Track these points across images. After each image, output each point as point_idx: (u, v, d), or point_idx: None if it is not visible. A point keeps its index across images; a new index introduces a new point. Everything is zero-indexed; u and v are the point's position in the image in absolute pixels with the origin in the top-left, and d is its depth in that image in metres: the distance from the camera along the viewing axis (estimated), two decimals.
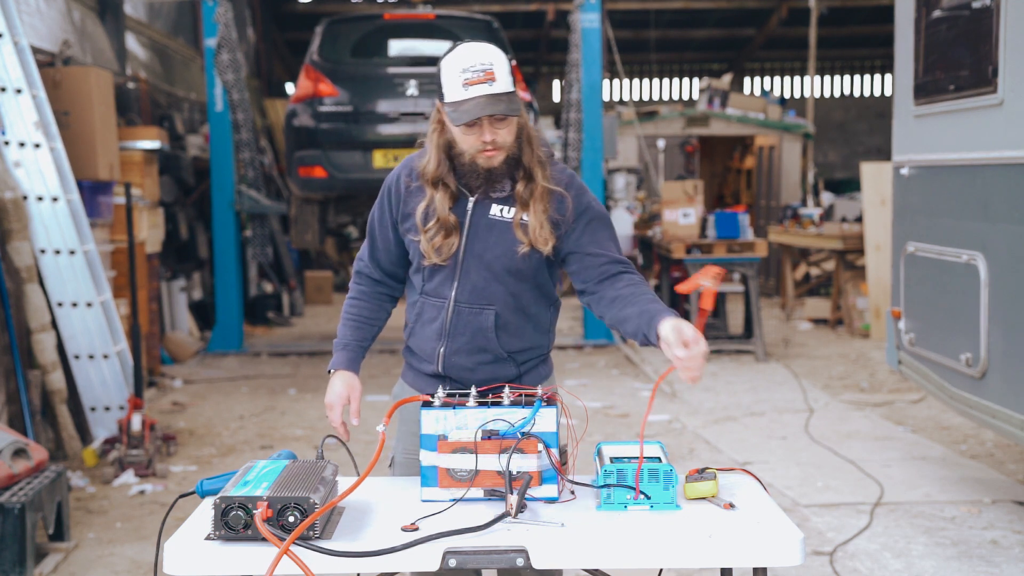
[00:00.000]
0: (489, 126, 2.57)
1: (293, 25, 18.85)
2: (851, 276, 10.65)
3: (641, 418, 7.07)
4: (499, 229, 2.66)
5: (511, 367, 2.73)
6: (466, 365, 2.71)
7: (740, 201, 16.45)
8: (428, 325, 2.73)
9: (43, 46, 8.25)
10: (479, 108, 2.52)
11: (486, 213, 2.66)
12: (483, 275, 2.67)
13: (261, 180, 10.27)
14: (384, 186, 2.79)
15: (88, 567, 4.42)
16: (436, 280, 2.70)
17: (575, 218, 2.67)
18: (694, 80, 23.26)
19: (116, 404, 6.34)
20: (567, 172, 2.74)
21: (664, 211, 9.77)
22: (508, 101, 2.54)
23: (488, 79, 2.52)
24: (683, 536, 2.21)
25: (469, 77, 2.52)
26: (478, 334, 2.69)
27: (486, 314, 2.68)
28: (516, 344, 2.72)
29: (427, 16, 9.16)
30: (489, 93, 2.52)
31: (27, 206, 6.14)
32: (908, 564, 4.31)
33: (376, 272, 2.83)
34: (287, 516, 2.13)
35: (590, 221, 2.69)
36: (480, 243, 2.66)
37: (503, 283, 2.67)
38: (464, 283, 2.67)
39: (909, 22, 5.18)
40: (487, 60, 2.54)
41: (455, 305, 2.68)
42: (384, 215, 2.78)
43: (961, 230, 4.69)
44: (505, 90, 2.54)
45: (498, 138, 2.58)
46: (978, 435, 6.41)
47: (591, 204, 2.72)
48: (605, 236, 2.70)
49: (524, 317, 2.72)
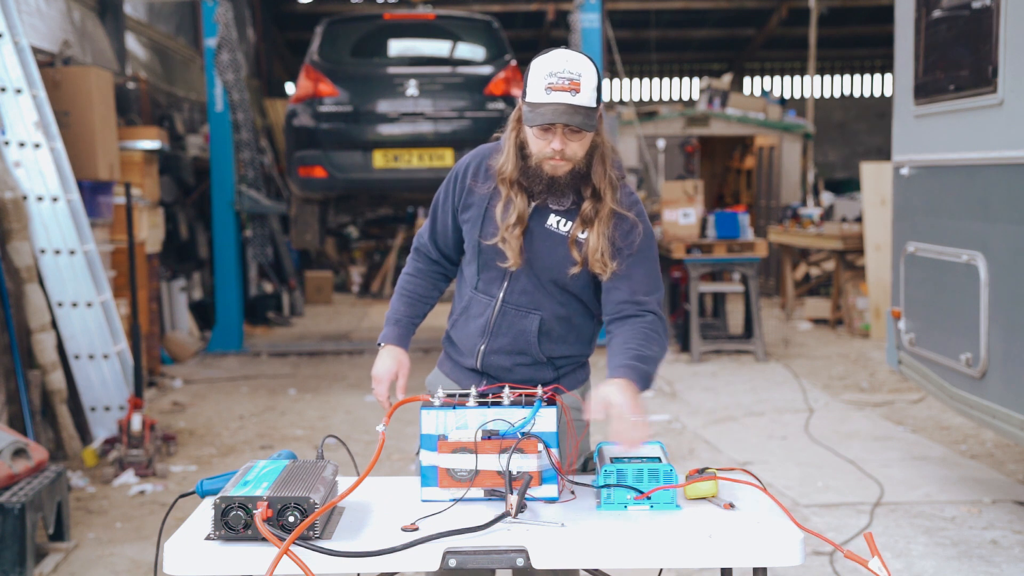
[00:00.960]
0: (562, 135, 2.55)
1: (293, 25, 18.84)
2: (851, 276, 10.66)
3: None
4: (553, 241, 2.66)
5: (549, 370, 2.75)
6: (504, 365, 2.73)
7: (740, 201, 16.45)
8: (473, 320, 2.75)
9: (43, 46, 8.25)
10: (555, 114, 2.50)
11: (543, 222, 2.66)
12: (532, 281, 2.68)
13: (261, 180, 10.28)
14: (452, 171, 2.80)
15: (88, 567, 4.42)
16: (487, 277, 2.72)
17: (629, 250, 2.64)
18: (694, 80, 23.26)
19: (116, 404, 6.34)
20: (634, 198, 2.71)
21: (664, 211, 9.77)
22: (586, 115, 2.52)
23: (572, 88, 2.50)
24: (683, 536, 2.21)
25: (554, 82, 2.51)
26: (520, 337, 2.71)
27: (531, 318, 2.70)
28: (557, 351, 2.74)
29: (427, 16, 9.16)
30: (569, 103, 2.50)
31: (27, 206, 6.14)
32: (908, 564, 4.31)
33: (434, 252, 2.87)
34: (287, 516, 2.13)
35: (637, 259, 2.67)
36: (532, 250, 2.66)
37: (549, 292, 2.69)
38: (514, 285, 2.69)
39: (909, 22, 5.18)
40: (576, 70, 2.51)
41: (502, 305, 2.71)
42: (447, 200, 2.80)
43: (961, 230, 4.69)
44: (586, 104, 2.52)
45: (568, 149, 2.57)
46: (978, 435, 6.41)
47: (646, 237, 2.69)
48: (641, 273, 2.67)
49: (568, 326, 2.74)
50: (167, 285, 9.87)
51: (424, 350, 9.02)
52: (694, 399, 7.64)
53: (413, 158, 8.39)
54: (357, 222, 10.57)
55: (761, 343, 9.19)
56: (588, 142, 2.60)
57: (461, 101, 8.36)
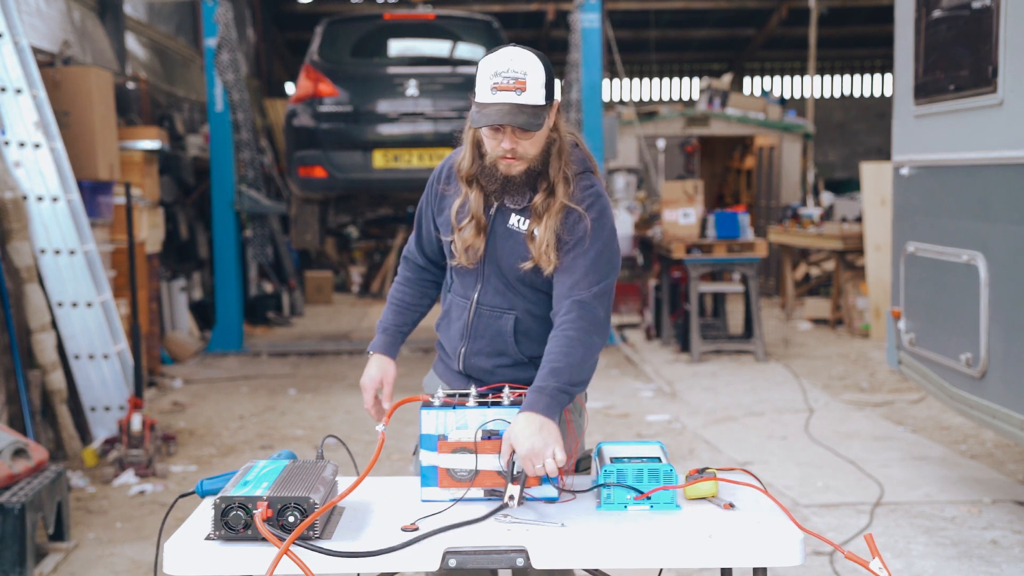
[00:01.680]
0: (512, 134, 2.52)
1: (293, 25, 18.84)
2: (851, 276, 10.65)
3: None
4: (514, 240, 2.64)
5: (531, 370, 2.70)
6: (485, 367, 2.72)
7: (740, 201, 16.45)
8: (454, 323, 2.77)
9: (43, 46, 8.25)
10: (499, 115, 2.48)
11: (505, 222, 2.65)
12: (502, 281, 2.68)
13: (261, 180, 10.27)
14: (430, 179, 2.83)
15: (88, 567, 4.42)
16: (463, 280, 2.73)
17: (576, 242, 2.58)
18: (694, 80, 23.26)
19: (116, 404, 6.34)
20: (592, 190, 2.63)
21: (664, 211, 9.77)
22: (532, 114, 2.48)
23: (517, 88, 2.47)
24: (683, 536, 2.21)
25: (499, 82, 2.48)
26: (497, 338, 2.70)
27: (506, 318, 2.68)
28: (537, 349, 2.68)
29: (427, 16, 9.16)
30: (515, 102, 2.48)
31: (27, 206, 6.14)
32: (908, 564, 4.31)
33: (421, 259, 2.90)
34: (287, 516, 2.13)
35: (581, 248, 2.58)
36: (498, 250, 2.66)
37: (519, 292, 2.68)
38: (486, 287, 2.69)
39: (909, 22, 5.18)
40: (522, 69, 2.48)
41: (477, 307, 2.71)
42: (427, 207, 2.83)
43: (961, 230, 4.69)
44: (533, 103, 2.48)
45: (519, 148, 2.54)
46: (978, 435, 6.41)
47: (595, 228, 2.59)
48: (582, 265, 2.56)
49: (544, 324, 2.69)
50: (167, 285, 9.87)
51: (424, 350, 9.02)
52: (694, 399, 7.64)
53: (413, 158, 8.39)
54: (357, 222, 10.56)
55: (761, 343, 9.19)
56: (541, 139, 2.56)
57: (461, 101, 8.36)
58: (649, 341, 10.34)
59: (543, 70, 2.51)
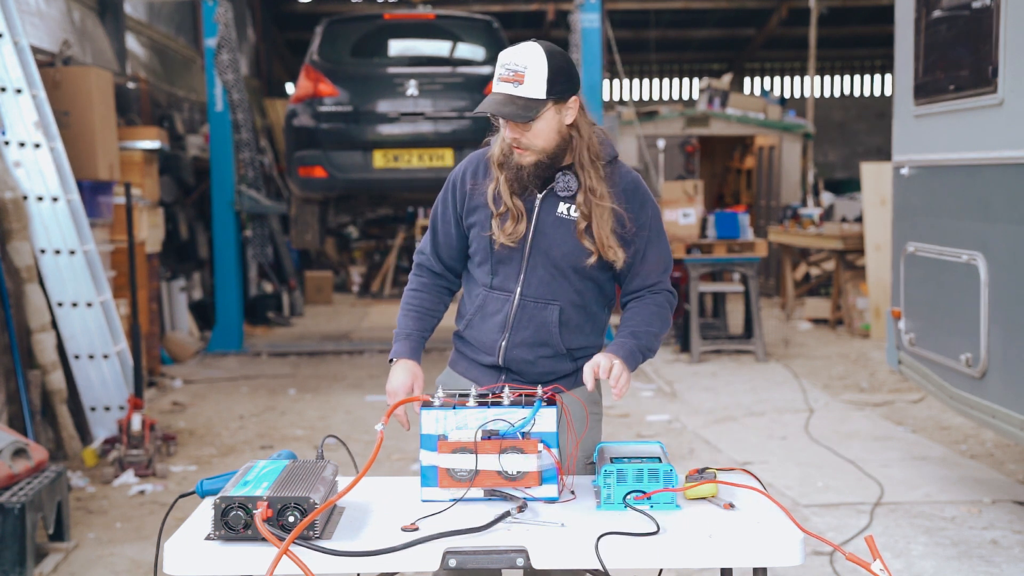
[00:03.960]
0: (514, 125, 2.60)
1: (293, 25, 18.84)
2: (851, 276, 10.65)
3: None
4: (566, 227, 2.69)
5: (568, 362, 2.77)
6: (527, 358, 2.74)
7: (740, 201, 16.44)
8: (491, 318, 2.76)
9: (43, 46, 8.25)
10: (489, 105, 2.58)
11: (553, 210, 2.69)
12: (549, 271, 2.71)
13: (261, 180, 10.28)
14: (448, 180, 2.83)
15: (88, 567, 4.42)
16: (502, 274, 2.74)
17: (635, 233, 2.71)
18: (694, 80, 23.25)
19: (116, 404, 6.34)
20: (632, 175, 2.75)
21: (664, 211, 9.77)
22: (523, 106, 2.55)
23: (515, 80, 2.56)
24: (683, 536, 2.20)
25: (503, 74, 2.59)
26: (541, 328, 2.72)
27: (551, 309, 2.72)
28: (576, 341, 2.76)
29: (427, 16, 9.16)
30: (509, 93, 2.57)
31: (27, 206, 6.14)
32: (908, 564, 4.31)
33: (437, 265, 2.87)
34: (287, 516, 2.13)
35: (647, 240, 2.74)
36: (547, 239, 2.70)
37: (568, 280, 2.72)
38: (530, 278, 2.71)
39: (909, 22, 5.18)
40: (523, 62, 2.57)
41: (521, 299, 2.72)
42: (448, 210, 2.81)
43: (961, 230, 4.69)
44: (527, 95, 2.56)
45: (523, 139, 2.61)
46: (978, 435, 6.40)
47: (651, 218, 2.75)
48: (654, 254, 2.76)
49: (585, 315, 2.77)
50: (167, 285, 9.87)
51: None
52: (694, 399, 7.64)
53: (413, 158, 8.39)
54: (357, 222, 10.57)
55: (761, 343, 9.19)
56: (547, 133, 2.61)
57: (461, 101, 8.36)
58: None
59: (547, 65, 2.56)
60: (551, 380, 2.75)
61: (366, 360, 9.56)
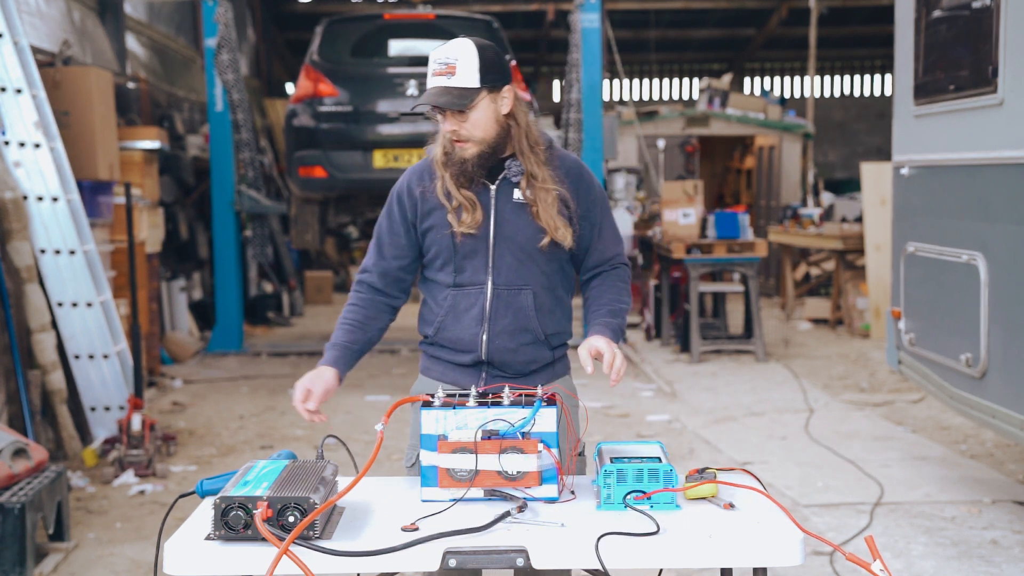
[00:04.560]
0: (450, 117, 2.67)
1: (293, 25, 18.84)
2: (851, 276, 10.65)
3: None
4: (525, 211, 2.75)
5: (546, 349, 2.81)
6: (509, 346, 2.76)
7: (740, 201, 16.45)
8: (466, 314, 2.77)
9: (43, 46, 8.25)
10: (427, 97, 2.65)
11: (510, 197, 2.75)
12: (517, 256, 2.75)
13: (261, 180, 10.27)
14: (392, 194, 2.84)
15: (88, 567, 4.42)
16: (470, 269, 2.76)
17: (582, 215, 2.80)
18: (694, 80, 23.25)
19: (116, 404, 6.34)
20: (571, 159, 2.84)
21: (664, 211, 9.77)
22: (457, 95, 2.63)
23: (448, 72, 2.63)
24: (683, 536, 2.20)
25: (435, 68, 2.66)
26: (519, 314, 2.76)
27: (524, 294, 2.76)
28: (551, 326, 2.81)
29: (427, 16, 9.16)
30: (442, 85, 2.64)
31: (27, 206, 6.14)
32: (908, 564, 4.31)
33: (380, 281, 2.84)
34: (287, 516, 2.13)
35: (601, 215, 2.84)
36: (510, 226, 2.74)
37: (536, 263, 2.76)
38: (500, 266, 2.74)
39: (909, 22, 5.18)
40: (453, 55, 2.64)
41: (494, 288, 2.75)
42: (395, 223, 2.82)
43: (961, 230, 4.69)
44: (461, 85, 2.63)
45: (461, 130, 2.68)
46: (978, 435, 6.40)
47: (600, 194, 2.85)
48: (608, 231, 2.87)
49: (555, 299, 2.82)
50: (167, 285, 9.87)
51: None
52: (694, 399, 7.64)
53: (413, 158, 8.38)
54: (357, 222, 10.53)
55: (761, 343, 9.19)
56: (485, 122, 2.67)
57: None
58: (649, 341, 10.35)
59: (477, 55, 2.65)
60: (532, 371, 2.79)
61: (365, 360, 9.54)
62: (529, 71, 21.97)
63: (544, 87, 23.04)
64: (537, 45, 20.53)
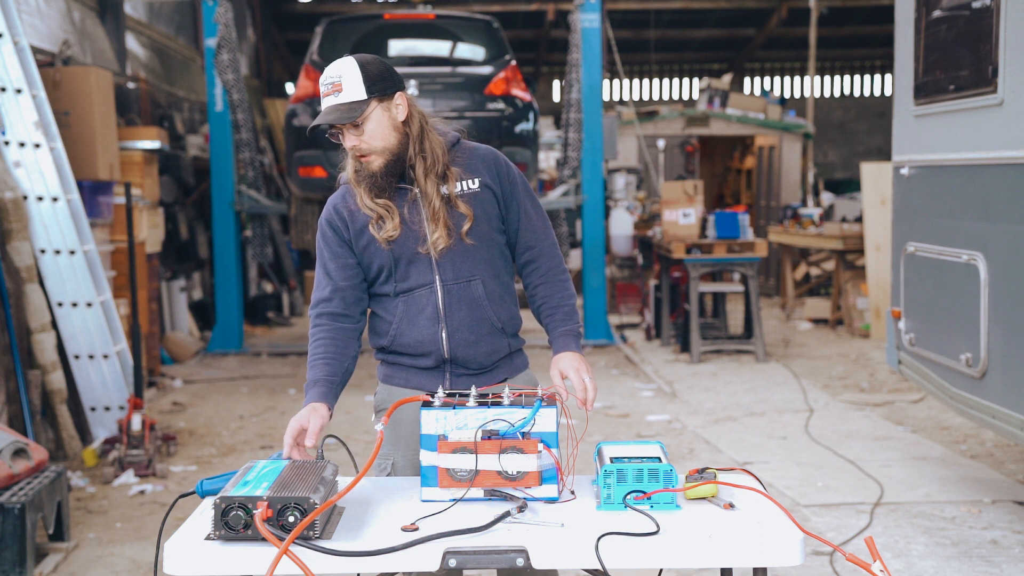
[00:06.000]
0: (348, 134, 2.70)
1: (293, 25, 18.84)
2: (851, 276, 10.65)
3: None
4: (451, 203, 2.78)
5: (504, 338, 2.84)
6: (470, 339, 2.78)
7: (740, 201, 16.45)
8: (419, 315, 2.78)
9: (43, 46, 8.25)
10: (320, 118, 2.69)
11: (437, 193, 2.76)
12: (460, 248, 2.76)
13: (261, 180, 10.27)
14: (321, 224, 2.84)
15: (88, 567, 4.42)
16: (415, 274, 2.77)
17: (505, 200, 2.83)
18: (694, 80, 23.25)
19: (116, 404, 6.34)
20: (483, 150, 2.84)
21: (664, 211, 9.77)
22: (347, 110, 2.66)
23: (335, 91, 2.68)
24: (683, 536, 2.20)
25: (324, 90, 2.71)
26: (473, 305, 2.78)
27: (474, 284, 2.78)
28: (504, 312, 2.83)
29: (427, 16, 9.16)
30: (333, 103, 2.68)
31: (27, 206, 6.14)
32: (908, 564, 4.31)
33: (340, 305, 2.80)
34: (287, 516, 2.13)
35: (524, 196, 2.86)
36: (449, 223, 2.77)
37: (478, 252, 2.78)
38: (444, 264, 2.76)
39: (909, 22, 5.18)
40: (337, 73, 2.68)
41: (443, 284, 2.77)
42: (334, 247, 2.81)
43: (961, 230, 4.69)
44: (349, 99, 2.67)
45: (361, 144, 2.71)
46: (978, 435, 6.41)
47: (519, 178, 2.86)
48: (533, 211, 2.87)
49: (502, 285, 2.85)
50: (167, 285, 9.87)
51: None
52: (694, 399, 7.64)
53: None
54: None
55: (761, 343, 9.19)
56: (380, 131, 2.70)
57: (461, 101, 8.36)
58: (649, 341, 10.35)
59: (359, 70, 2.69)
60: (493, 364, 2.82)
61: (366, 360, 9.54)
62: (529, 71, 21.97)
63: (544, 87, 23.05)
64: (537, 45, 20.54)
